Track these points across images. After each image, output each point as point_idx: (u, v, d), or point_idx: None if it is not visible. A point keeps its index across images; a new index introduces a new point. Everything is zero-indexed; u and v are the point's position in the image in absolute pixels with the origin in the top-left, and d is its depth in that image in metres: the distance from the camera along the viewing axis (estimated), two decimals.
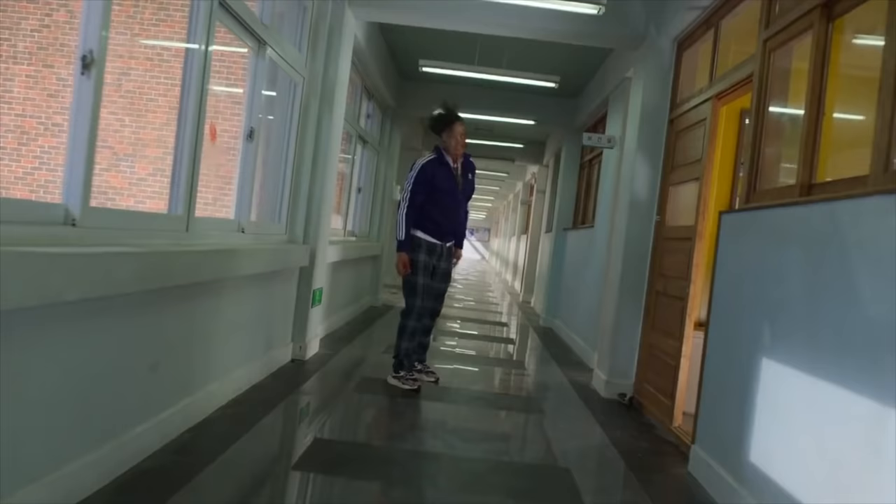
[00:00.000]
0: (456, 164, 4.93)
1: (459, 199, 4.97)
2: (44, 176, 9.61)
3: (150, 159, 9.27)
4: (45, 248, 2.13)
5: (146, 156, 9.25)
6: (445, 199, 4.87)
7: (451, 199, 4.90)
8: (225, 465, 3.06)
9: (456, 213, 4.97)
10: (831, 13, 3.09)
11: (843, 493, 2.30)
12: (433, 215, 4.85)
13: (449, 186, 4.86)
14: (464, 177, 4.98)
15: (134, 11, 9.83)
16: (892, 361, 2.10)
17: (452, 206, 4.92)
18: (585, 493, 3.29)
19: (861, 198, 2.45)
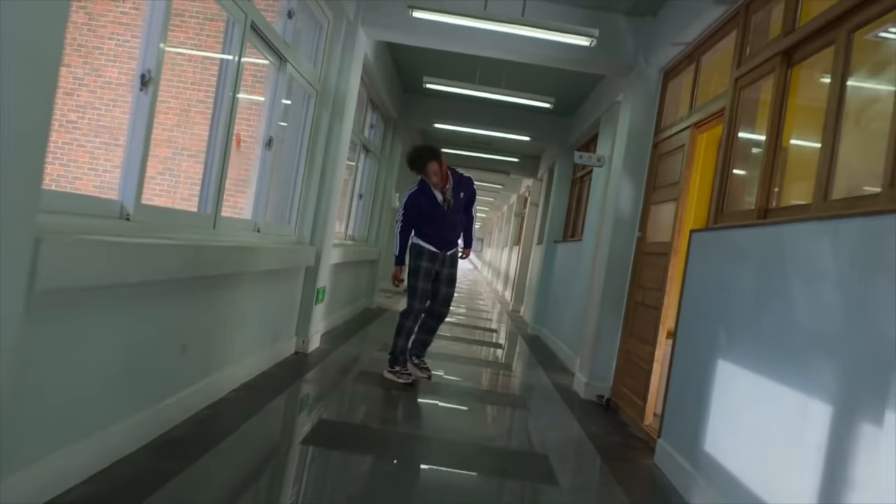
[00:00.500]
0: (443, 189, 5.24)
1: (448, 217, 5.29)
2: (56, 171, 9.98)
3: (161, 159, 9.66)
4: (114, 237, 2.54)
5: (156, 155, 9.62)
6: (434, 221, 5.26)
7: (440, 220, 5.26)
8: (242, 436, 3.47)
9: (447, 229, 5.32)
10: (790, 60, 3.52)
11: (771, 469, 2.72)
12: (429, 231, 5.28)
13: (434, 211, 5.23)
14: (455, 195, 5.29)
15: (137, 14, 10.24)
16: (815, 362, 2.53)
17: (442, 225, 5.28)
18: (560, 475, 3.71)
19: (800, 222, 2.88)
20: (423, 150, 5.22)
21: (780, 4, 3.71)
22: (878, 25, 2.84)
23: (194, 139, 9.84)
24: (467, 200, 5.45)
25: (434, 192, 5.23)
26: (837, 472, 2.26)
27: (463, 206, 5.41)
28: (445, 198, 5.25)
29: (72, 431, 2.50)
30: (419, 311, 5.33)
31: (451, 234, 5.37)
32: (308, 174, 5.64)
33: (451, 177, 5.29)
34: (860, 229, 2.40)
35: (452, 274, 5.44)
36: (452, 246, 5.39)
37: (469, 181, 5.48)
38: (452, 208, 5.29)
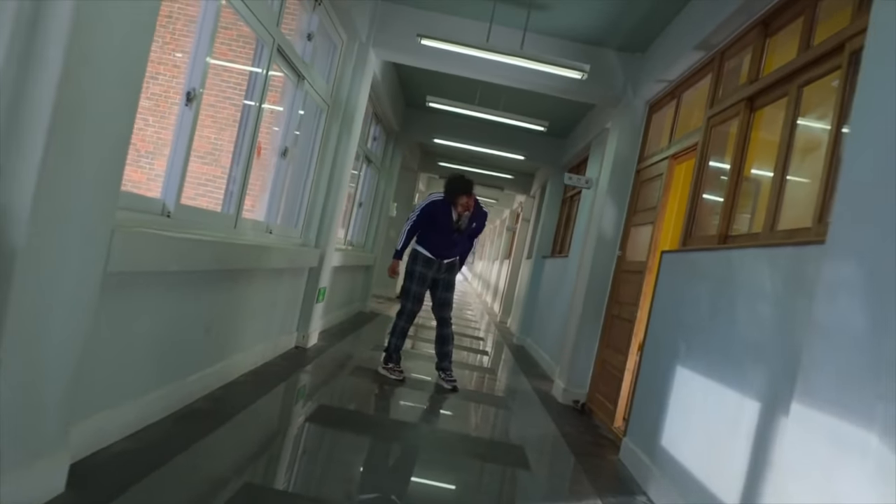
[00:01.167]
0: (462, 214, 5.67)
1: (454, 236, 5.72)
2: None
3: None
4: (160, 231, 2.99)
5: (165, 154, 10.06)
6: (442, 232, 5.70)
7: (446, 234, 5.69)
8: (253, 413, 3.91)
9: (449, 245, 5.75)
10: (753, 105, 4.01)
11: (714, 457, 3.18)
12: (431, 239, 5.72)
13: (446, 225, 5.66)
14: (469, 223, 5.74)
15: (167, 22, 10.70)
16: (750, 366, 2.99)
17: (446, 239, 5.72)
18: (533, 463, 4.16)
19: (747, 248, 3.35)
20: (463, 183, 5.65)
21: (748, 55, 4.19)
22: (821, 83, 3.32)
23: (202, 141, 10.27)
24: (476, 230, 5.90)
25: (454, 211, 5.66)
26: (760, 455, 2.72)
27: (469, 233, 5.85)
28: (460, 221, 5.68)
29: (117, 395, 2.93)
30: (410, 312, 5.76)
31: (451, 249, 5.79)
32: (316, 182, 6.09)
33: (476, 208, 5.76)
34: (790, 256, 2.87)
35: (449, 280, 5.85)
36: (447, 256, 5.81)
37: (484, 216, 5.92)
38: (462, 232, 5.73)
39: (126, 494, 2.48)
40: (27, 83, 1.89)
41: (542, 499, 3.55)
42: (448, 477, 3.71)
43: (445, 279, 5.83)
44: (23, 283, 1.94)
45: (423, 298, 5.80)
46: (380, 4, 6.31)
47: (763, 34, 4.04)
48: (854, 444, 1.99)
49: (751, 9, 4.03)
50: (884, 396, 1.92)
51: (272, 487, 2.97)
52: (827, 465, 2.11)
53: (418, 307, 5.79)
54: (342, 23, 5.82)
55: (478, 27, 6.05)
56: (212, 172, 10.34)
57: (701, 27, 4.70)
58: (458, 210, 5.64)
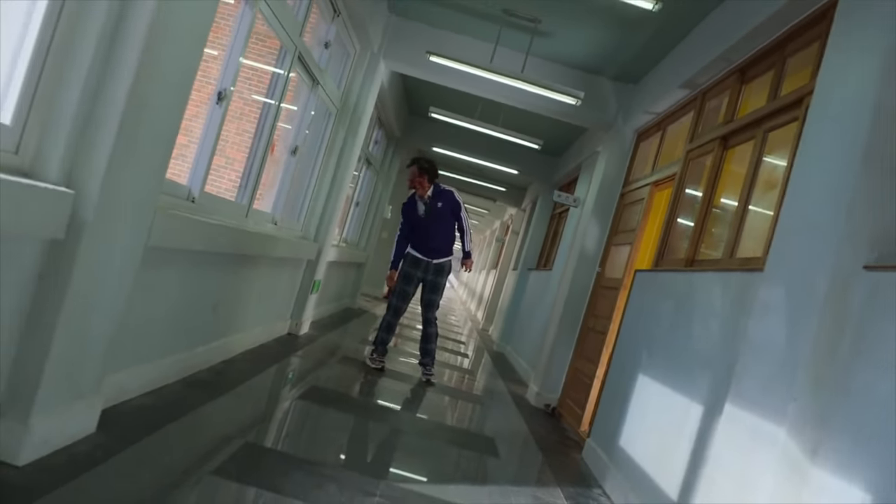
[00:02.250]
0: (424, 200, 6.03)
1: (428, 225, 6.04)
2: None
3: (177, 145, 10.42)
4: (190, 214, 3.37)
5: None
6: (419, 229, 6.08)
7: (423, 228, 6.06)
8: (251, 387, 4.29)
9: (428, 237, 6.08)
10: (726, 144, 4.43)
11: (663, 454, 3.59)
12: (414, 238, 6.12)
13: (417, 219, 6.05)
14: (433, 204, 6.04)
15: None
16: (698, 374, 3.40)
17: (424, 233, 6.07)
18: (502, 452, 4.55)
19: (705, 272, 3.77)
20: (416, 159, 6.06)
21: (726, 97, 4.61)
22: (784, 130, 3.74)
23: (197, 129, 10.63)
24: (449, 210, 6.11)
25: (417, 201, 6.04)
26: (698, 452, 3.13)
27: (447, 215, 6.10)
28: (425, 207, 6.04)
29: (139, 356, 3.30)
30: (395, 308, 6.10)
31: (432, 242, 6.09)
32: (320, 179, 6.47)
33: (433, 189, 6.04)
34: (739, 281, 3.28)
35: (436, 282, 6.17)
36: (437, 255, 6.13)
37: (449, 193, 6.13)
38: (430, 215, 6.02)
39: (146, 439, 2.86)
40: (105, 84, 2.27)
41: (508, 482, 3.93)
42: (424, 456, 4.10)
43: (433, 281, 6.15)
44: (87, 250, 2.31)
45: (409, 296, 6.15)
46: (393, 19, 6.72)
47: (740, 80, 4.46)
48: (767, 437, 2.40)
49: (730, 57, 4.45)
50: (794, 398, 2.32)
51: (268, 447, 3.35)
52: (745, 455, 2.52)
53: (403, 304, 6.13)
54: (357, 34, 6.21)
55: (483, 47, 6.47)
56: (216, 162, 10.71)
57: (687, 67, 5.12)
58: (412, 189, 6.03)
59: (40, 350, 2.26)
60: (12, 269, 2.13)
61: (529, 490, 3.84)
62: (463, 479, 3.88)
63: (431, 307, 6.24)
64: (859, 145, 2.41)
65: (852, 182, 2.39)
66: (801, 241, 2.61)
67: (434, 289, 6.19)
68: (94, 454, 2.53)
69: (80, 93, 2.22)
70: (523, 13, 5.79)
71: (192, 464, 2.83)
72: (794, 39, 3.82)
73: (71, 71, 2.20)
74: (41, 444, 2.35)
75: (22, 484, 2.16)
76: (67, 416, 2.50)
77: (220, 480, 2.72)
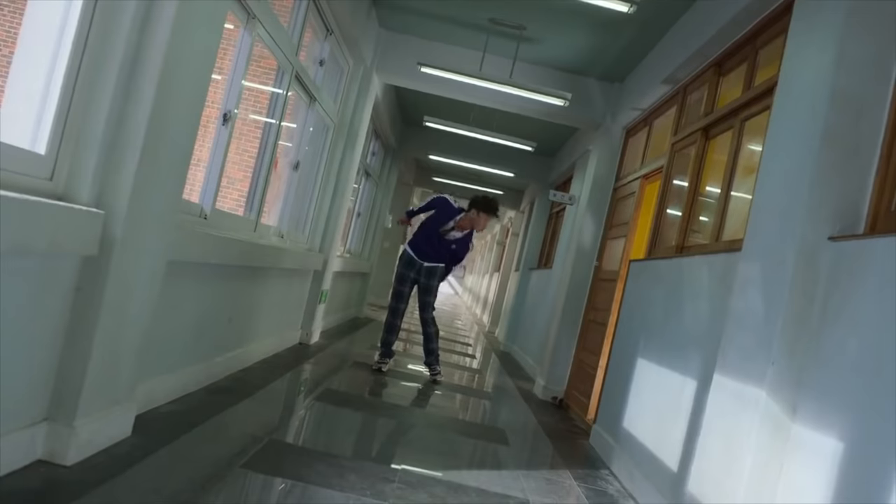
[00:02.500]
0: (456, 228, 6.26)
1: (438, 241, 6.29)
2: None
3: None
4: (204, 230, 3.59)
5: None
6: (430, 232, 6.30)
7: (433, 235, 6.29)
8: (270, 391, 4.51)
9: (432, 246, 6.30)
10: (708, 135, 4.64)
11: (660, 432, 3.79)
12: (417, 237, 6.35)
13: (438, 226, 6.27)
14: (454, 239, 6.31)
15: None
16: (691, 353, 3.60)
17: (430, 240, 6.30)
18: (512, 441, 4.75)
19: (692, 256, 3.98)
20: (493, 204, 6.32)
21: (706, 90, 4.83)
22: (759, 118, 3.95)
23: (202, 149, 10.86)
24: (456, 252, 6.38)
25: (453, 222, 6.26)
26: (693, 423, 3.33)
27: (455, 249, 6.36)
28: (449, 232, 6.27)
29: (164, 366, 3.51)
30: (393, 308, 6.35)
31: (432, 251, 6.32)
32: (322, 192, 6.70)
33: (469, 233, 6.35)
34: (723, 262, 3.49)
35: (428, 285, 6.35)
36: (430, 260, 6.32)
37: (468, 245, 6.44)
38: (447, 236, 6.28)
39: (179, 440, 3.08)
40: (127, 112, 2.50)
41: (519, 467, 4.13)
42: (438, 446, 4.30)
43: (424, 283, 6.35)
44: (118, 264, 2.53)
45: (405, 296, 6.36)
46: (384, 33, 6.96)
47: (717, 73, 4.69)
48: (750, 400, 2.61)
49: (707, 52, 4.67)
50: (772, 362, 2.53)
51: (291, 443, 3.56)
52: (731, 418, 2.73)
53: (400, 304, 6.34)
54: (350, 50, 6.45)
55: (472, 56, 6.70)
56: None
57: (668, 64, 5.35)
58: (462, 222, 6.24)
59: (81, 358, 2.47)
60: (54, 284, 2.35)
61: (540, 473, 4.04)
62: (476, 465, 4.09)
63: (426, 308, 6.41)
64: (819, 127, 2.63)
65: (814, 161, 2.60)
66: (772, 219, 2.83)
67: (426, 291, 6.37)
68: (134, 454, 2.75)
69: (105, 121, 2.44)
70: (509, 21, 6.02)
71: (223, 459, 3.04)
72: (763, 32, 4.04)
73: (96, 102, 2.43)
74: (86, 445, 2.56)
75: (73, 480, 2.37)
76: (107, 420, 2.71)
77: (250, 472, 2.93)
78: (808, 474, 2.34)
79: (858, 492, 2.08)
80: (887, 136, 2.55)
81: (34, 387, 2.38)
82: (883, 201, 2.49)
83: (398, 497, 2.99)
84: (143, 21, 2.50)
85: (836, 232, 2.53)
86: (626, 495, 3.91)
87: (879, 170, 2.54)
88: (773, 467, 2.50)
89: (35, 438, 2.40)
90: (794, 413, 2.48)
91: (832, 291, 2.45)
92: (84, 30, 2.36)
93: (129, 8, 2.45)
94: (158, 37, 2.52)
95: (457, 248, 6.38)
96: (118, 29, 2.44)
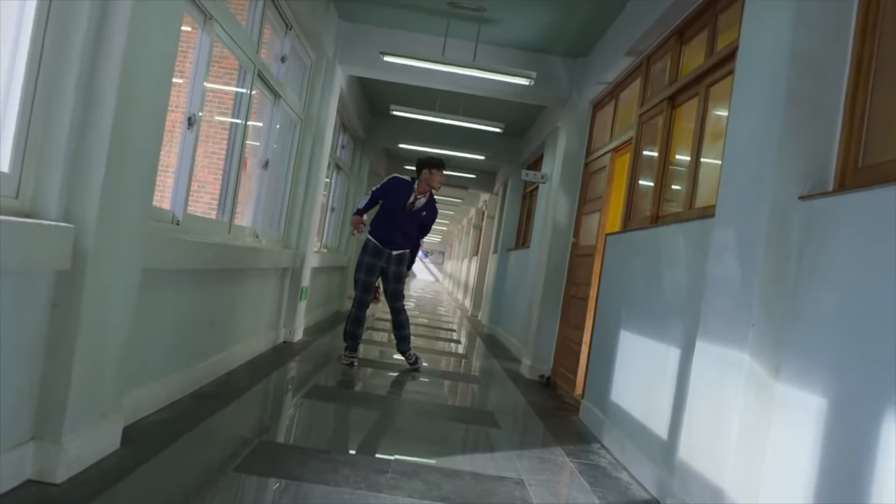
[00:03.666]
0: (418, 196, 6.11)
1: (403, 219, 6.09)
2: None
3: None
4: (177, 235, 3.56)
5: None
6: (391, 215, 6.09)
7: (400, 217, 6.08)
8: (257, 393, 4.49)
9: (397, 230, 6.10)
10: (674, 103, 4.66)
11: (648, 401, 3.83)
12: (381, 224, 6.12)
13: (399, 206, 6.06)
14: (422, 207, 6.13)
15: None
16: (671, 321, 3.64)
17: (398, 222, 6.09)
18: (502, 423, 4.78)
19: (668, 225, 4.01)
20: (434, 160, 6.12)
21: (669, 60, 4.85)
22: (723, 83, 3.98)
23: (169, 155, 10.73)
24: (428, 219, 6.24)
25: (413, 192, 6.06)
26: (680, 389, 3.37)
27: (422, 222, 6.22)
28: (415, 203, 6.10)
29: (148, 375, 3.48)
30: (359, 300, 6.16)
31: (398, 235, 6.12)
32: (294, 189, 6.66)
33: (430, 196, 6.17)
34: (697, 229, 3.51)
35: (398, 272, 6.19)
36: (397, 247, 6.17)
37: (435, 210, 6.26)
38: (414, 212, 6.11)
39: (169, 449, 3.06)
40: (89, 122, 2.46)
41: (511, 448, 4.15)
42: (430, 434, 4.32)
43: (395, 271, 6.18)
44: (93, 277, 2.50)
45: (372, 287, 6.19)
46: (344, 24, 6.90)
47: (679, 42, 4.71)
48: (733, 363, 2.64)
49: (667, 20, 4.69)
50: (752, 324, 2.56)
51: (282, 443, 3.56)
52: (716, 382, 2.77)
53: (367, 295, 6.16)
54: (311, 44, 6.39)
55: (434, 41, 6.67)
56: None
57: (630, 35, 5.36)
58: (420, 189, 6.05)
59: (63, 374, 2.45)
60: (29, 301, 2.32)
61: (532, 453, 4.07)
62: (469, 450, 4.11)
63: (397, 297, 6.27)
64: (782, 89, 2.65)
65: (780, 123, 2.62)
66: (742, 183, 2.85)
67: (397, 278, 6.20)
68: (124, 465, 2.73)
69: (67, 134, 2.40)
70: (468, 3, 6.00)
71: (214, 464, 3.03)
72: None
73: (56, 115, 2.39)
74: (74, 462, 2.54)
75: (65, 498, 2.35)
76: (94, 434, 2.69)
77: (243, 475, 2.93)
78: (795, 432, 2.38)
79: (845, 444, 2.12)
80: (849, 94, 2.58)
81: (18, 406, 2.35)
82: (850, 158, 2.52)
83: (393, 487, 3.00)
84: (97, 30, 2.46)
85: (806, 191, 2.55)
86: (618, 467, 3.95)
87: (844, 128, 2.56)
88: (761, 428, 2.54)
89: (23, 459, 2.37)
90: (778, 373, 2.52)
91: (806, 250, 2.48)
92: (38, 43, 2.32)
93: (82, 18, 2.41)
94: (114, 44, 2.48)
95: (427, 214, 6.19)
96: (73, 39, 2.40)
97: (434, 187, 6.11)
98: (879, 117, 2.44)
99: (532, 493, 3.23)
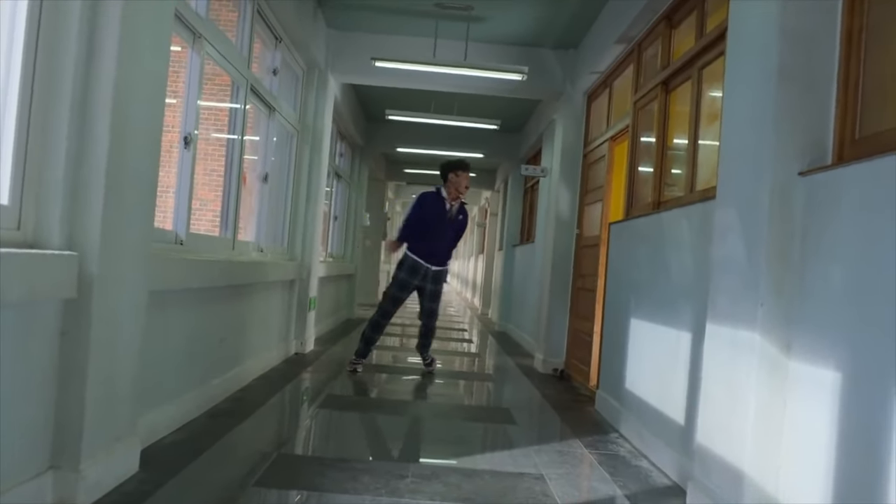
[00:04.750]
0: (451, 204, 6.09)
1: (446, 230, 6.10)
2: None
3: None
4: (181, 255, 3.57)
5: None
6: (432, 230, 6.06)
7: (438, 231, 6.07)
8: (273, 406, 4.50)
9: (440, 242, 6.11)
10: (668, 88, 4.66)
11: (662, 387, 3.82)
12: (421, 238, 6.07)
13: (438, 220, 6.04)
14: (455, 216, 6.15)
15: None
16: (681, 306, 3.63)
17: (437, 237, 6.08)
18: (518, 419, 4.77)
19: (670, 210, 4.00)
20: (458, 162, 6.14)
21: (660, 45, 4.84)
22: (715, 65, 3.97)
23: (168, 175, 10.76)
24: (461, 226, 6.26)
25: (446, 201, 6.07)
26: (693, 373, 3.36)
27: (459, 226, 6.23)
28: (451, 211, 6.09)
29: (162, 396, 3.49)
30: (384, 311, 6.12)
31: (440, 247, 6.12)
32: (295, 200, 6.67)
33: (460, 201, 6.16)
34: (700, 212, 3.51)
35: (435, 290, 6.17)
36: (437, 262, 6.12)
37: (465, 211, 6.28)
38: (453, 220, 6.11)
39: (188, 468, 3.06)
40: (86, 149, 2.46)
41: (529, 444, 4.14)
42: (447, 435, 4.32)
43: (432, 290, 6.13)
44: (100, 303, 2.51)
45: (401, 303, 6.16)
46: (333, 33, 6.91)
47: (669, 26, 4.69)
48: (745, 343, 2.63)
49: (655, 6, 4.68)
50: (761, 303, 2.55)
51: (301, 455, 3.56)
52: (729, 364, 2.76)
53: (392, 309, 6.13)
54: (301, 55, 6.40)
55: (424, 43, 6.67)
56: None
57: (619, 23, 5.35)
58: (451, 195, 6.03)
59: (77, 401, 2.46)
60: (37, 331, 2.33)
61: (550, 447, 4.06)
62: (488, 448, 4.11)
63: (432, 316, 6.24)
64: (773, 66, 2.64)
65: (774, 101, 2.61)
66: (741, 163, 2.84)
67: (433, 297, 6.17)
68: (144, 488, 2.73)
69: (64, 162, 2.41)
70: (455, 3, 6.00)
71: (234, 480, 3.03)
72: None
73: (52, 144, 2.39)
74: (94, 488, 2.55)
75: None
76: (112, 459, 2.69)
77: (263, 490, 2.93)
78: (810, 408, 2.37)
79: (860, 417, 2.11)
80: (842, 66, 2.57)
81: (34, 436, 2.36)
82: (846, 131, 2.51)
83: (413, 491, 3.00)
84: (87, 57, 2.46)
85: (805, 167, 2.55)
86: (637, 455, 3.95)
87: (839, 100, 2.55)
88: (777, 406, 2.53)
89: (43, 489, 2.38)
90: (790, 350, 2.51)
91: (809, 225, 2.47)
92: (29, 73, 2.32)
93: (70, 45, 2.41)
94: (105, 70, 2.48)
95: (462, 219, 6.22)
96: (63, 68, 2.40)
97: (462, 191, 6.10)
98: (874, 88, 2.44)
99: (553, 487, 3.23)
